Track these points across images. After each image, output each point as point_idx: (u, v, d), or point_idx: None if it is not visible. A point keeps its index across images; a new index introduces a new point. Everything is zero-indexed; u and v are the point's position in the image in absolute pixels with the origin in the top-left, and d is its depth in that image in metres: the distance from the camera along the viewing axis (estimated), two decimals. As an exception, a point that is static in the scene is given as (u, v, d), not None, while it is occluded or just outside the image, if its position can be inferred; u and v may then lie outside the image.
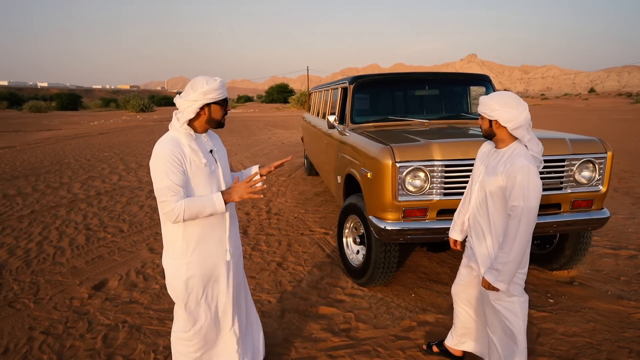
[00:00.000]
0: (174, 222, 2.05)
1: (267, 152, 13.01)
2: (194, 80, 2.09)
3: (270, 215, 6.29)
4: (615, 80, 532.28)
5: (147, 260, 4.60)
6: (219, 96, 2.07)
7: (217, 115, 2.13)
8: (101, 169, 10.24)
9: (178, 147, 2.03)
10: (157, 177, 2.00)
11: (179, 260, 2.15)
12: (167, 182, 1.97)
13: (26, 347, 3.02)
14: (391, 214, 3.27)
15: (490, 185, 2.23)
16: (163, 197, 1.99)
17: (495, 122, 2.21)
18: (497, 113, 2.16)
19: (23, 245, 5.08)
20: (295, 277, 4.14)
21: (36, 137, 18.71)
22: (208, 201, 2.04)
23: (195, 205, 2.02)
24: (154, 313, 3.47)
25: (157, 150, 2.03)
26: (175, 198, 1.99)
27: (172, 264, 2.17)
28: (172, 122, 2.13)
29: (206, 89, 2.03)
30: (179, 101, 2.08)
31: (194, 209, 2.02)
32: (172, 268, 2.18)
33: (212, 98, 2.05)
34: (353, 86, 4.79)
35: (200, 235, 2.15)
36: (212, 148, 2.20)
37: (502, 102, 2.16)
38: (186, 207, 1.99)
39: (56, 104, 59.79)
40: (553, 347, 2.94)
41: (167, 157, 1.98)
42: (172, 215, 2.00)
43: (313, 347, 3.00)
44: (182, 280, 2.15)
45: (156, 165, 2.00)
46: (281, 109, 48.85)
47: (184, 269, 2.14)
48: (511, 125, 2.15)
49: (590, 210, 3.49)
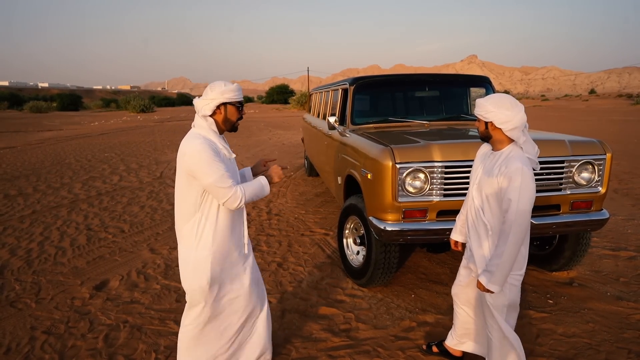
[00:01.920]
0: (236, 207, 2.16)
1: (267, 153, 13.02)
2: (213, 83, 2.25)
3: (270, 215, 6.31)
4: (615, 82, 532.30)
5: (148, 260, 4.61)
6: (235, 97, 2.22)
7: (233, 116, 2.27)
8: (102, 170, 10.26)
9: (211, 142, 2.15)
10: (206, 170, 2.08)
11: (204, 252, 2.22)
12: (221, 171, 2.09)
13: (28, 347, 3.03)
14: (391, 215, 3.29)
15: (486, 187, 2.25)
16: (223, 185, 2.09)
17: (490, 124, 2.22)
18: (492, 115, 2.18)
19: (24, 245, 5.10)
20: (295, 278, 4.15)
21: (37, 138, 18.74)
22: (259, 184, 2.24)
23: (251, 187, 2.20)
24: (155, 313, 3.49)
25: (194, 148, 2.10)
26: (233, 183, 2.13)
27: (195, 256, 2.23)
28: (195, 121, 2.24)
29: (224, 89, 2.19)
30: (198, 101, 2.22)
31: (252, 191, 2.20)
32: (195, 261, 2.23)
33: (229, 98, 2.19)
34: (353, 87, 4.81)
35: (224, 228, 2.25)
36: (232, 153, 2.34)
37: (497, 104, 2.17)
38: (245, 190, 2.16)
39: (57, 104, 59.89)
40: (552, 347, 2.96)
41: (208, 151, 2.09)
42: (235, 199, 2.12)
43: (313, 347, 3.02)
44: (206, 271, 2.22)
45: (200, 161, 2.08)
46: (281, 109, 48.88)
47: (209, 260, 2.22)
48: (506, 127, 2.16)
49: (590, 212, 3.50)
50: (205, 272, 2.22)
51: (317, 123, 6.64)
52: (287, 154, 12.62)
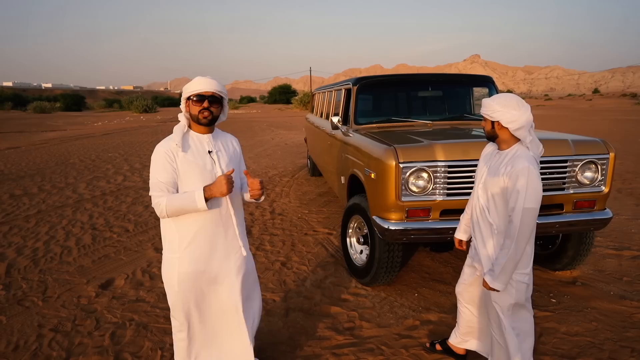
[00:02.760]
0: (160, 217, 2.15)
1: (270, 153, 13.05)
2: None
3: (274, 215, 6.33)
4: (619, 81, 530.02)
5: (153, 259, 4.64)
6: (193, 91, 2.13)
7: (194, 110, 2.17)
8: (106, 170, 10.31)
9: (170, 145, 2.12)
10: (151, 173, 2.14)
11: (173, 255, 2.20)
12: (156, 178, 2.10)
13: (36, 344, 3.07)
14: (395, 214, 3.31)
15: (492, 187, 2.27)
16: (152, 192, 2.12)
17: (497, 124, 2.24)
18: (498, 114, 2.19)
19: (30, 244, 5.14)
20: (299, 277, 4.18)
21: (41, 138, 18.84)
22: (189, 197, 2.07)
23: (176, 201, 2.08)
24: (160, 311, 3.52)
25: (154, 149, 2.16)
26: (160, 194, 2.10)
27: (166, 257, 2.23)
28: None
29: (187, 84, 2.16)
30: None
31: (176, 205, 2.08)
32: (166, 262, 2.23)
33: (189, 92, 2.15)
34: (356, 87, 4.83)
35: (197, 231, 2.18)
36: (211, 149, 2.22)
37: (504, 104, 2.19)
38: (168, 202, 2.07)
39: (60, 104, 60.10)
40: (555, 346, 2.97)
41: (158, 155, 2.11)
42: (156, 209, 2.11)
43: (318, 345, 3.04)
44: (174, 274, 2.19)
45: (151, 163, 2.15)
46: (284, 109, 48.92)
47: (177, 264, 2.18)
48: (513, 126, 2.18)
49: (593, 211, 3.51)
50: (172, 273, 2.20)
51: (321, 123, 6.66)
52: (290, 154, 12.64)
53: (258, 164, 11.01)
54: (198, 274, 2.22)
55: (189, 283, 2.21)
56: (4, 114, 44.91)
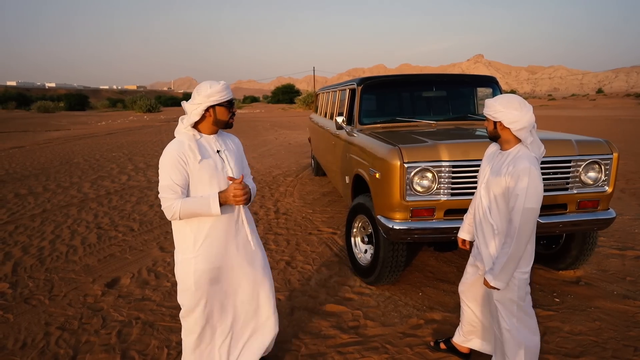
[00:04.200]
0: (170, 219, 2.18)
1: (273, 153, 13.09)
2: (199, 85, 2.23)
3: (278, 215, 6.36)
4: (623, 81, 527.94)
5: (158, 258, 4.68)
6: (221, 98, 2.18)
7: (223, 116, 2.25)
8: (110, 169, 10.36)
9: (182, 148, 2.15)
10: (161, 175, 2.16)
11: (188, 255, 2.24)
12: (168, 180, 2.12)
13: (43, 342, 3.10)
14: (399, 214, 3.33)
15: (494, 187, 2.29)
16: (163, 194, 2.14)
17: (499, 124, 2.26)
18: (501, 114, 2.21)
19: (36, 243, 5.19)
20: (304, 276, 4.20)
21: (45, 137, 18.92)
22: (204, 202, 2.14)
23: (190, 205, 2.13)
24: (166, 310, 3.55)
25: (164, 152, 2.18)
26: (173, 196, 2.12)
27: (181, 259, 2.27)
28: (177, 127, 2.25)
29: (209, 92, 2.16)
30: (186, 105, 2.22)
31: (189, 208, 2.13)
32: (180, 264, 2.27)
33: (216, 100, 2.17)
34: (361, 87, 4.85)
35: (210, 228, 2.24)
36: (219, 149, 2.29)
37: (506, 104, 2.21)
38: (182, 206, 2.11)
39: (64, 104, 60.33)
40: (559, 345, 2.98)
41: (171, 158, 2.13)
42: (168, 212, 2.13)
43: (322, 343, 3.06)
44: (190, 274, 2.24)
45: (161, 165, 2.16)
46: (287, 109, 48.96)
47: (192, 263, 2.23)
48: (515, 127, 2.19)
49: (596, 211, 3.52)
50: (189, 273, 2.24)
51: (325, 123, 6.68)
52: (294, 154, 12.67)
53: (262, 163, 11.04)
54: (214, 270, 2.28)
55: (206, 280, 2.27)
56: (8, 113, 45.15)
